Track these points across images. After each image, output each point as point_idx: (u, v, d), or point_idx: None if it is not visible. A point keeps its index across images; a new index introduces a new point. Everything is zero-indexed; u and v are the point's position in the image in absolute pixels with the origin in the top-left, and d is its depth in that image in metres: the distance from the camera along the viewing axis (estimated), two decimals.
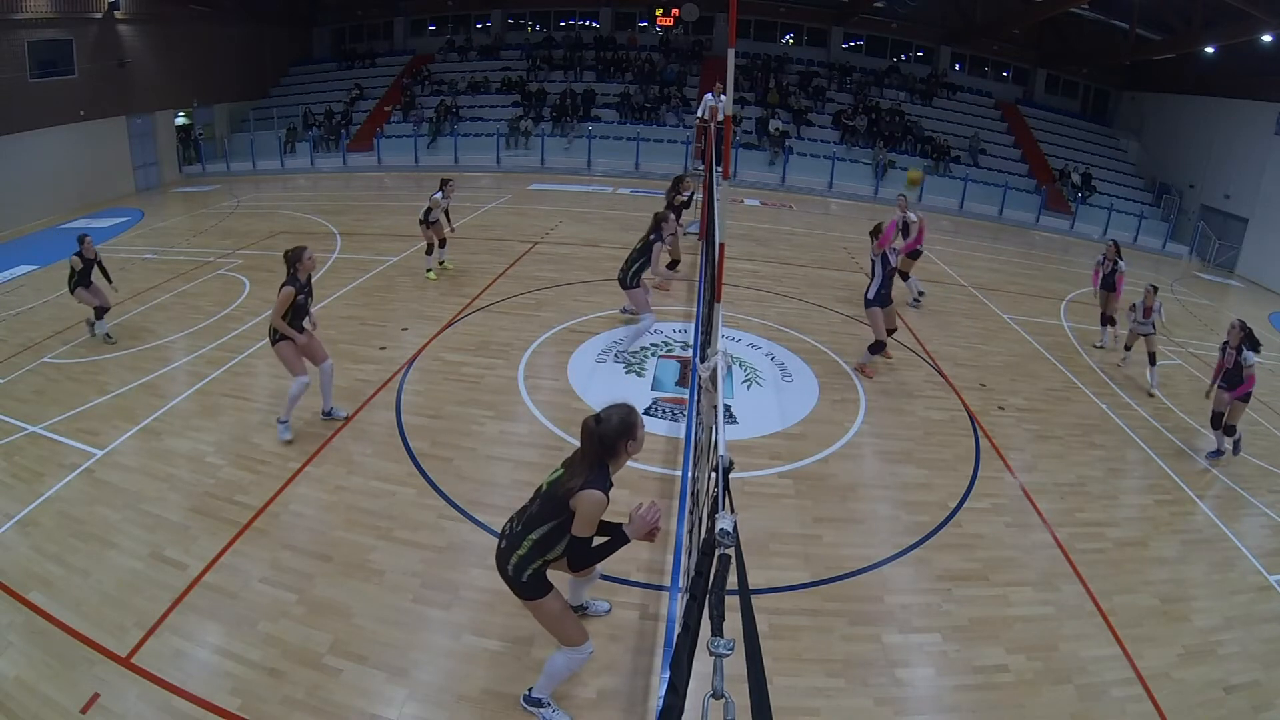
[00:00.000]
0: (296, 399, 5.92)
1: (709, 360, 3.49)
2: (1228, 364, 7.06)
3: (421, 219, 9.73)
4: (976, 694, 3.98)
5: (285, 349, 5.82)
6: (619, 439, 3.06)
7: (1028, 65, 24.28)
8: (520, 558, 3.13)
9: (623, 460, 3.13)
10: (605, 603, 4.33)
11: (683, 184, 10.05)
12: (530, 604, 3.22)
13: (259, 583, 4.43)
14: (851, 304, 10.05)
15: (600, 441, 3.05)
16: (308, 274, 5.89)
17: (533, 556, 3.12)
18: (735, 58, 3.37)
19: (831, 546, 5.07)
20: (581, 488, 2.99)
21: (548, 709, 3.57)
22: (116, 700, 3.60)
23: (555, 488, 3.13)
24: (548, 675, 3.44)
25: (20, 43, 14.93)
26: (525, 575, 3.14)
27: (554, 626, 3.27)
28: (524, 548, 3.12)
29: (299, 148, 20.82)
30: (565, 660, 3.34)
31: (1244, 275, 18.06)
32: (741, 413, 6.76)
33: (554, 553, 3.14)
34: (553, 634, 3.32)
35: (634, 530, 3.07)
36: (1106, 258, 9.97)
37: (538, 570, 3.16)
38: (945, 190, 19.64)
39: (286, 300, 5.66)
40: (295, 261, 5.77)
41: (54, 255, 12.05)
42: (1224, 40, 17.26)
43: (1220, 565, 5.39)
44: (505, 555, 3.19)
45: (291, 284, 5.70)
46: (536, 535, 3.10)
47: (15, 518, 5.03)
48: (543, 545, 3.11)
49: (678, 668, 1.72)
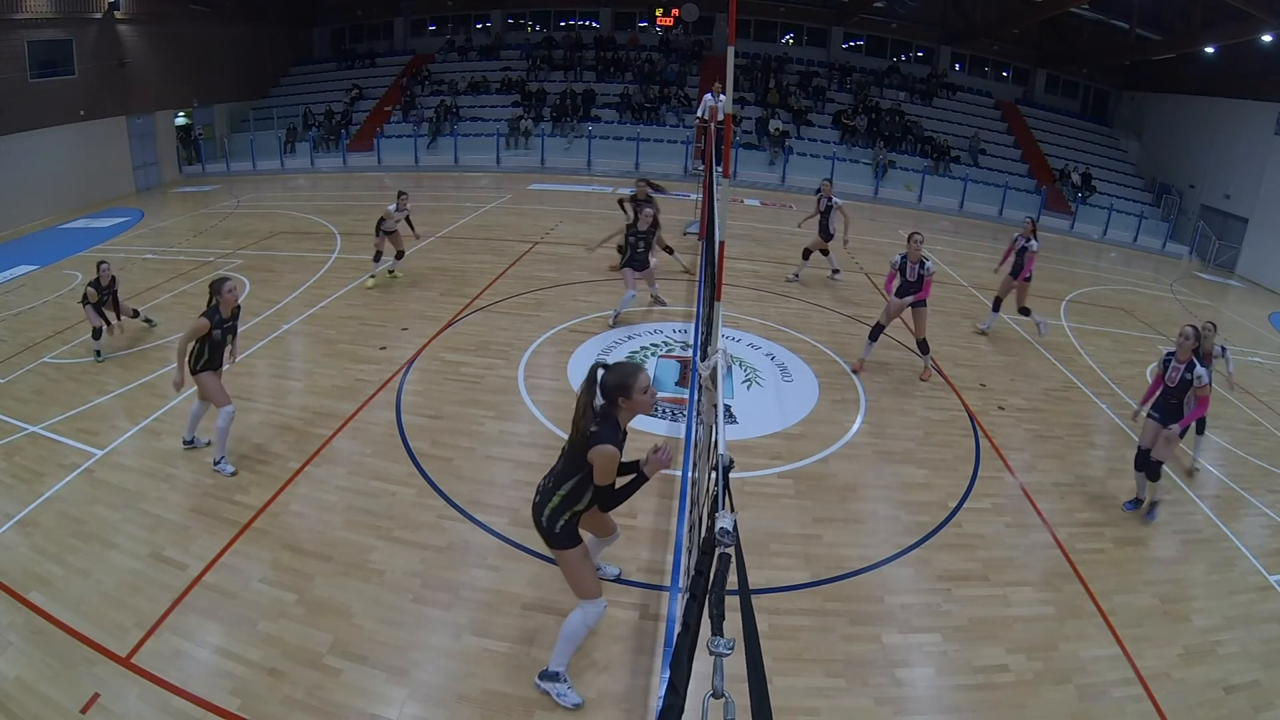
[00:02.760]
0: (226, 432, 5.53)
1: (709, 360, 3.49)
2: (1169, 381, 5.58)
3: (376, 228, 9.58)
4: (976, 694, 3.97)
5: (207, 378, 5.47)
6: (615, 393, 3.25)
7: (1028, 65, 24.29)
8: (553, 509, 3.39)
9: (626, 414, 3.32)
10: (615, 567, 4.59)
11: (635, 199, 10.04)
12: (560, 553, 3.48)
13: (259, 583, 4.43)
14: (851, 304, 10.05)
15: (602, 389, 3.29)
16: (231, 309, 5.49)
17: (563, 508, 3.39)
18: (735, 57, 3.38)
19: (831, 546, 5.07)
20: (593, 443, 3.21)
21: (563, 684, 3.65)
22: (116, 700, 3.60)
23: (574, 442, 3.35)
24: (565, 639, 3.58)
25: (20, 43, 14.94)
26: (558, 527, 3.41)
27: (577, 577, 3.51)
28: (555, 500, 3.39)
29: (299, 148, 20.83)
30: (581, 616, 3.52)
31: (1244, 275, 18.06)
32: (741, 413, 6.76)
33: (582, 503, 3.39)
34: (574, 584, 3.54)
35: (650, 469, 3.27)
36: (1022, 234, 9.27)
37: (569, 522, 3.42)
38: (945, 190, 19.64)
39: (198, 331, 5.27)
40: (215, 294, 5.38)
41: (54, 255, 12.06)
42: (1224, 40, 17.26)
43: (1220, 565, 5.38)
44: (539, 509, 3.45)
45: (208, 316, 5.33)
46: (564, 489, 3.37)
47: (15, 518, 5.03)
48: (571, 498, 3.37)
49: (678, 668, 1.72)
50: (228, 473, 5.55)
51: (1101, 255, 17.53)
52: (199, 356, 5.45)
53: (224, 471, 5.55)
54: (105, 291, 7.71)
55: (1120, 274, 15.55)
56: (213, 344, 5.44)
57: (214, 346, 5.46)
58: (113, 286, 7.81)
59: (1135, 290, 14.03)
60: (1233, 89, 18.67)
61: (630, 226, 8.53)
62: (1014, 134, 22.52)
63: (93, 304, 7.61)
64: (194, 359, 5.45)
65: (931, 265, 7.43)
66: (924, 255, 7.41)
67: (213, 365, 5.51)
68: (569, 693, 3.65)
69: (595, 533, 3.88)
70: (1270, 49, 16.43)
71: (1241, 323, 13.46)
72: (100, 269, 7.74)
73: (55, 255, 12.08)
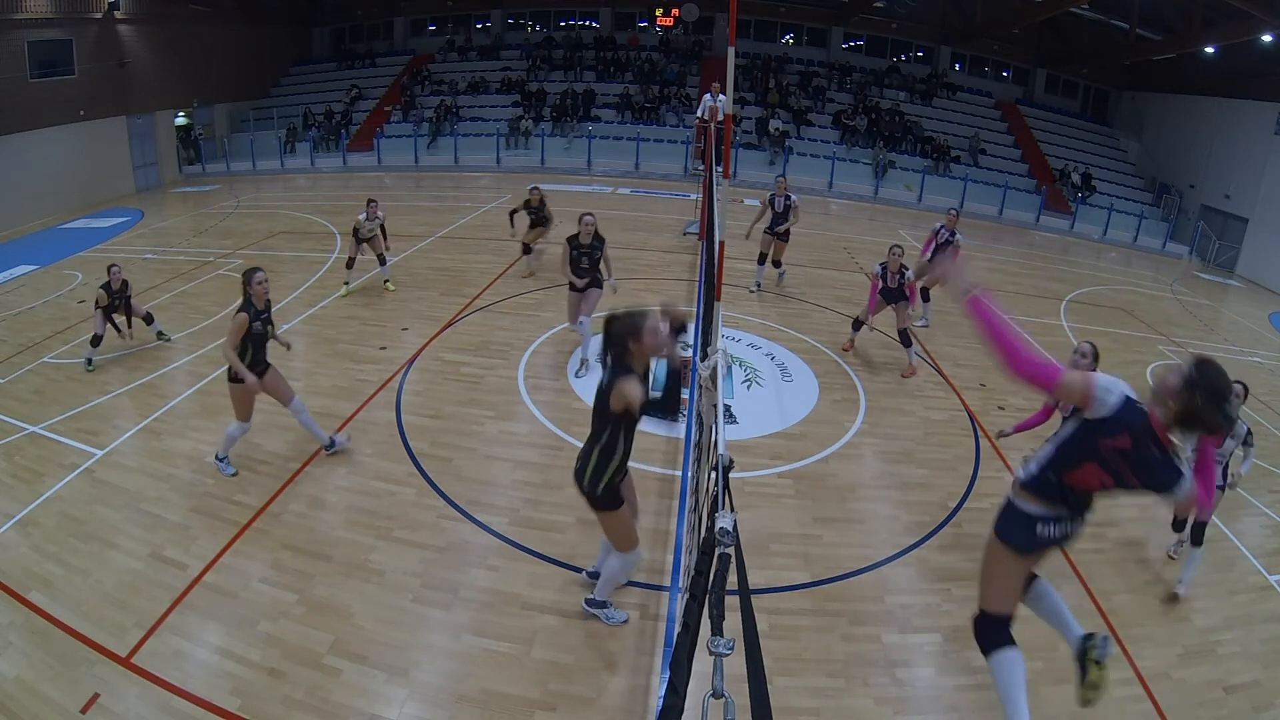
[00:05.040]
0: (234, 440, 5.53)
1: (709, 360, 3.49)
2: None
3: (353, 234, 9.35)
4: (976, 694, 3.97)
5: (238, 391, 5.28)
6: (625, 337, 3.36)
7: (1028, 65, 24.27)
8: (593, 469, 3.58)
9: (638, 359, 3.43)
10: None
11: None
12: (603, 514, 3.71)
13: (259, 583, 4.43)
14: (852, 304, 10.05)
15: (608, 339, 3.40)
16: (264, 300, 5.31)
17: (601, 466, 3.57)
18: (735, 57, 3.38)
19: (831, 546, 5.07)
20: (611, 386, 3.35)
21: (609, 608, 4.16)
22: (116, 700, 3.60)
23: (597, 399, 3.53)
24: (606, 579, 4.01)
25: (20, 43, 14.92)
26: (600, 489, 3.60)
27: (619, 533, 3.77)
28: (593, 459, 3.57)
29: (299, 148, 20.81)
30: (621, 563, 3.87)
31: (1244, 275, 18.05)
32: (741, 413, 6.76)
33: (617, 457, 3.57)
34: (615, 540, 3.81)
35: (670, 353, 3.44)
36: (945, 226, 9.18)
37: (610, 482, 3.61)
38: (945, 190, 19.62)
39: (240, 328, 5.12)
40: (246, 285, 5.22)
41: (54, 255, 12.06)
42: (1224, 40, 17.26)
43: (1220, 565, 5.38)
44: (580, 474, 3.66)
45: (245, 310, 5.17)
46: (599, 446, 3.54)
47: (15, 518, 5.03)
48: (606, 452, 3.54)
49: (678, 668, 1.72)
50: (228, 473, 5.53)
51: (1101, 255, 17.53)
52: (241, 359, 5.25)
53: (225, 471, 5.54)
54: (116, 295, 7.43)
55: (1120, 274, 15.55)
56: (254, 340, 5.26)
57: (255, 343, 5.27)
58: (125, 290, 7.54)
59: (1135, 290, 14.03)
60: (1232, 89, 18.66)
61: (571, 239, 7.15)
62: (1014, 134, 22.51)
63: (103, 308, 7.32)
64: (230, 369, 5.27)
65: (911, 274, 7.81)
66: (904, 264, 7.73)
67: (255, 367, 5.32)
68: (616, 613, 4.15)
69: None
70: (1270, 49, 16.42)
71: (1241, 323, 13.46)
72: (111, 272, 7.44)
73: (55, 255, 12.08)
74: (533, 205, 9.98)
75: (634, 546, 3.81)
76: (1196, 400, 2.40)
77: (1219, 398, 2.40)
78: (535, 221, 10.06)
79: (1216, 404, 2.40)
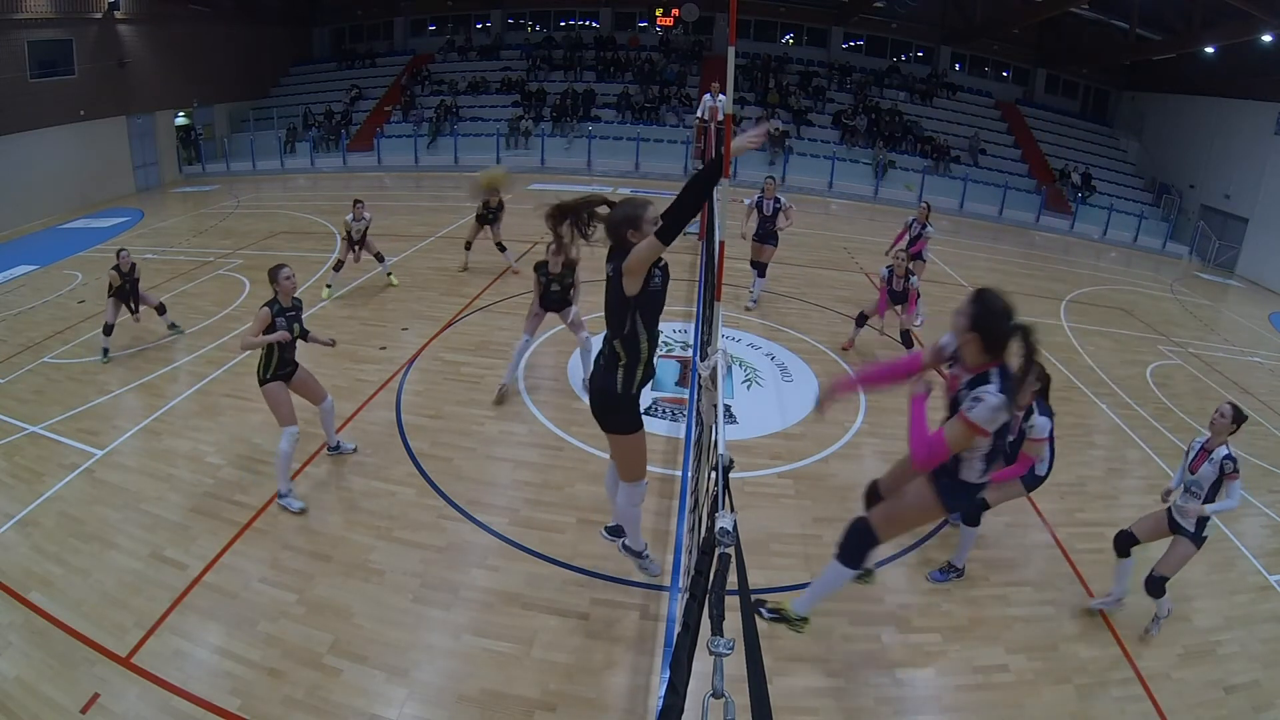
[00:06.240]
0: (289, 457, 5.04)
1: (709, 359, 3.49)
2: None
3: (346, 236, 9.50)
4: (976, 694, 3.97)
5: (275, 390, 5.05)
6: (624, 226, 3.15)
7: (1028, 65, 24.28)
8: (624, 372, 3.30)
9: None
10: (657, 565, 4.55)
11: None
12: (618, 438, 3.50)
13: (259, 583, 4.43)
14: (852, 304, 10.04)
15: (607, 228, 3.22)
16: (290, 297, 5.10)
17: (632, 363, 3.29)
18: (735, 57, 3.37)
19: (831, 546, 5.04)
20: (618, 264, 3.15)
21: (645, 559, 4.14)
22: (116, 700, 3.60)
23: (607, 295, 3.31)
24: (628, 523, 3.91)
25: (20, 43, 14.93)
26: (622, 403, 3.35)
27: (630, 460, 3.60)
28: (621, 361, 3.30)
29: (299, 148, 20.82)
30: (628, 497, 3.73)
31: (1244, 275, 18.06)
32: (741, 413, 6.76)
33: (643, 348, 3.30)
34: (627, 465, 3.63)
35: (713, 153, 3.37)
36: (917, 219, 9.27)
37: (640, 387, 3.38)
38: (945, 190, 19.61)
39: (262, 322, 4.91)
40: (272, 281, 5.06)
41: (54, 255, 12.06)
42: (1224, 40, 17.26)
43: (1220, 565, 5.38)
44: (609, 388, 3.36)
45: (269, 307, 4.98)
46: (619, 338, 3.28)
47: (15, 518, 5.03)
48: (629, 345, 3.27)
49: (678, 668, 1.72)
50: (295, 509, 5.03)
51: (1101, 255, 17.53)
52: (267, 362, 5.05)
53: (292, 507, 5.03)
54: (126, 278, 7.66)
55: (1120, 274, 15.55)
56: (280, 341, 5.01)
57: (281, 343, 5.04)
58: (134, 274, 7.74)
59: (1135, 290, 14.03)
60: (1232, 89, 18.67)
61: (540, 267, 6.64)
62: (1014, 134, 22.52)
63: (116, 289, 7.56)
64: (262, 366, 5.07)
65: (916, 280, 8.03)
66: (910, 269, 7.99)
67: (282, 371, 5.13)
68: (652, 565, 4.22)
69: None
70: (1270, 49, 16.43)
71: (1241, 323, 13.46)
72: (120, 255, 7.70)
73: (55, 255, 12.09)
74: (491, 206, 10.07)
75: (642, 477, 3.69)
76: (985, 319, 2.96)
77: (1003, 313, 2.93)
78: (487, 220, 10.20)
79: (1001, 315, 2.93)
